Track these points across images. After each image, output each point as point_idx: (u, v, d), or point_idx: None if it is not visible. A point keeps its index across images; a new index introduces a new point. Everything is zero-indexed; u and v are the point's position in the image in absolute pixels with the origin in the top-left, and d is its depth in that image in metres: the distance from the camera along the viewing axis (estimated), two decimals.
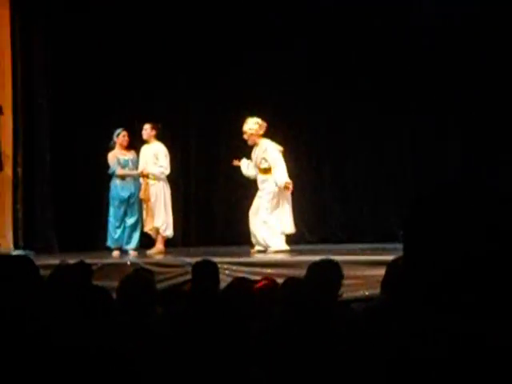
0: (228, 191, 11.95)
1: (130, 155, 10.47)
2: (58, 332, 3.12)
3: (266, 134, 10.26)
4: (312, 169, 12.16)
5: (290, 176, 11.57)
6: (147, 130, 10.44)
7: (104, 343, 3.16)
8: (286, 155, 10.79)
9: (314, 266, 4.98)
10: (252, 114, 10.38)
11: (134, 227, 10.43)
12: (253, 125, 10.06)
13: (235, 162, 10.36)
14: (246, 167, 10.33)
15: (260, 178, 10.20)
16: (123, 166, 10.39)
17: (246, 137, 10.13)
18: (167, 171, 10.45)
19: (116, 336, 3.42)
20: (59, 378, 2.85)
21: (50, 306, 3.60)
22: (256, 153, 10.16)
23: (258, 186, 10.21)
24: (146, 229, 10.47)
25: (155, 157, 10.39)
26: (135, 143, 10.62)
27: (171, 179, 10.71)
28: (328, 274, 4.89)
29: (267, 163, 10.08)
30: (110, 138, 10.52)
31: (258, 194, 10.20)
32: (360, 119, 11.87)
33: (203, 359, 3.31)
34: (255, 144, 10.16)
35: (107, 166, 10.43)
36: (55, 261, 7.83)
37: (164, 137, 10.79)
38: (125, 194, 10.36)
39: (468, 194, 1.27)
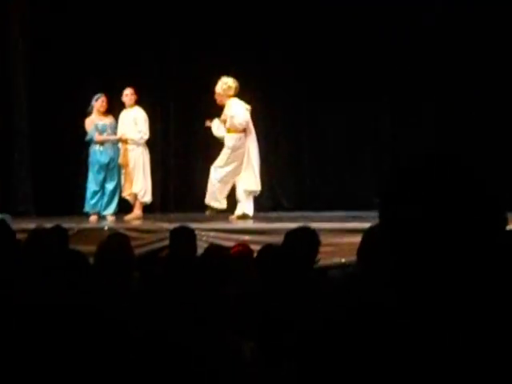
0: (207, 157, 11.91)
1: (107, 120, 10.40)
2: (33, 294, 3.13)
3: (241, 96, 10.19)
4: (290, 136, 12.15)
5: (268, 143, 11.60)
6: (128, 95, 10.37)
7: (82, 304, 3.17)
8: (267, 123, 10.79)
9: (291, 234, 5.01)
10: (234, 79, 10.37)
11: (113, 193, 10.40)
12: (222, 85, 9.97)
13: (207, 123, 10.26)
14: (217, 128, 10.19)
15: (226, 137, 10.14)
16: (101, 132, 10.33)
17: (215, 97, 10.10)
18: (146, 136, 10.40)
19: (93, 297, 3.42)
20: (34, 340, 2.86)
21: (26, 269, 3.60)
22: (224, 113, 10.12)
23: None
24: (125, 194, 10.45)
25: (134, 122, 10.33)
26: (113, 108, 10.54)
27: (150, 145, 10.67)
28: (305, 241, 4.92)
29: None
30: (89, 102, 10.44)
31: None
32: (339, 89, 11.84)
33: (179, 325, 3.33)
34: (223, 104, 10.10)
35: (85, 133, 10.36)
36: (32, 225, 7.82)
37: (143, 102, 10.73)
38: (104, 160, 10.31)
39: (443, 164, 1.28)
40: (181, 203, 11.92)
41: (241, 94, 10.29)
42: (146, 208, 10.65)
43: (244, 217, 9.92)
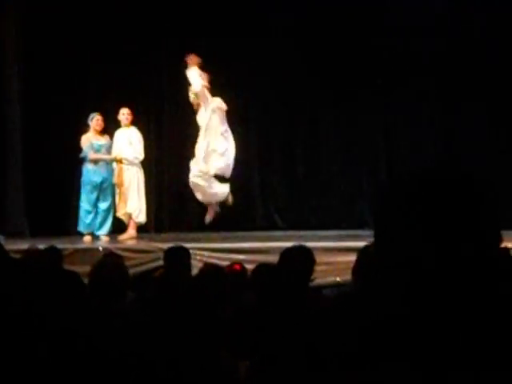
0: None
1: (103, 140, 10.41)
2: (28, 316, 3.11)
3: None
4: (284, 155, 12.16)
5: (263, 159, 11.61)
6: (125, 115, 10.39)
7: (75, 327, 3.15)
8: (262, 141, 10.78)
9: (286, 252, 5.00)
10: (229, 97, 10.43)
11: (106, 212, 10.38)
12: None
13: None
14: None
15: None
16: (96, 151, 10.33)
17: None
18: (141, 156, 10.43)
19: (87, 320, 3.40)
20: (29, 362, 2.84)
21: (20, 291, 3.58)
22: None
23: None
24: (119, 214, 10.44)
25: (129, 142, 10.36)
26: (108, 127, 10.55)
27: (145, 165, 10.68)
28: (300, 260, 4.92)
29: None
30: (83, 122, 10.45)
31: None
32: (333, 106, 11.87)
33: (176, 345, 3.31)
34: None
35: (79, 151, 10.37)
36: (25, 245, 7.79)
37: (138, 122, 10.75)
38: (97, 179, 10.31)
39: (440, 180, 1.28)
40: (175, 223, 11.91)
41: (235, 111, 10.36)
42: (141, 228, 10.63)
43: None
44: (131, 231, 10.35)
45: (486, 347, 1.22)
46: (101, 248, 9.09)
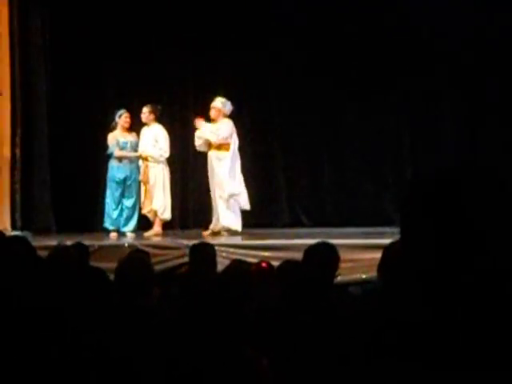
0: None
1: (130, 137, 10.44)
2: (56, 313, 3.14)
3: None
4: (309, 153, 12.14)
5: (287, 159, 11.62)
6: (145, 114, 10.44)
7: (102, 325, 3.18)
8: (286, 138, 10.76)
9: (310, 249, 5.00)
10: (250, 99, 10.46)
11: (131, 209, 10.43)
12: (224, 102, 10.19)
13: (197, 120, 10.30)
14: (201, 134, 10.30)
15: (214, 154, 10.22)
16: (121, 148, 10.38)
17: (211, 112, 10.21)
18: (166, 154, 10.47)
19: (114, 317, 3.43)
20: (57, 358, 2.87)
21: (48, 287, 3.62)
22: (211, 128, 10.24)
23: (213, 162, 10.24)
24: (144, 211, 10.49)
25: (155, 139, 10.39)
26: (135, 124, 10.59)
27: (170, 162, 10.71)
28: (324, 256, 4.91)
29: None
30: (110, 119, 10.51)
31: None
32: (358, 103, 11.83)
33: (200, 342, 3.33)
34: (216, 121, 10.21)
35: (106, 147, 10.43)
36: (53, 242, 7.85)
37: (163, 119, 10.78)
38: (121, 176, 10.35)
39: (466, 178, 1.28)
40: (200, 220, 11.93)
41: (259, 111, 10.37)
42: (166, 225, 10.67)
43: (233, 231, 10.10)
44: (157, 228, 10.41)
45: (506, 351, 1.21)
46: (126, 244, 9.14)
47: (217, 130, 10.10)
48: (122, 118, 10.38)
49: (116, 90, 11.71)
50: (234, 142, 10.23)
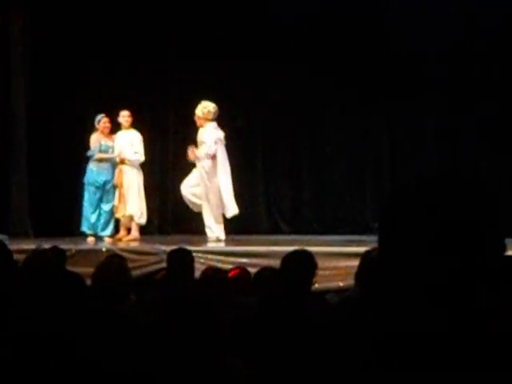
0: None
1: (111, 142, 10.40)
2: (31, 317, 3.11)
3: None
4: (288, 159, 12.16)
5: (267, 166, 11.62)
6: (125, 117, 10.39)
7: (77, 330, 3.15)
8: (265, 146, 10.76)
9: (288, 256, 4.99)
10: (231, 106, 10.44)
11: (110, 214, 10.38)
12: (202, 109, 10.12)
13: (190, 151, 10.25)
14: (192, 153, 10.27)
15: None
16: (103, 152, 10.34)
17: (195, 119, 10.20)
18: (142, 158, 10.43)
19: (89, 322, 3.40)
20: (31, 363, 2.84)
21: (23, 291, 3.58)
22: (198, 136, 10.21)
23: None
24: (118, 215, 10.41)
25: (131, 143, 10.35)
26: (112, 129, 10.56)
27: (148, 166, 10.68)
28: (302, 264, 4.91)
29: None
30: (87, 123, 10.47)
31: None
32: (338, 111, 11.89)
33: (177, 348, 3.31)
34: (201, 127, 10.18)
35: (83, 151, 10.38)
36: (29, 245, 7.80)
37: (143, 124, 10.76)
38: (100, 180, 10.31)
39: (444, 185, 1.28)
40: (178, 225, 11.91)
41: (240, 118, 10.35)
42: (145, 230, 10.63)
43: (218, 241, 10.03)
44: (134, 233, 10.36)
45: (489, 354, 1.21)
46: (104, 249, 9.09)
47: (206, 149, 10.05)
48: (101, 122, 10.34)
49: (95, 93, 11.66)
50: (219, 150, 10.17)
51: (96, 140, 10.32)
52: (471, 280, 1.23)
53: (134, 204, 10.32)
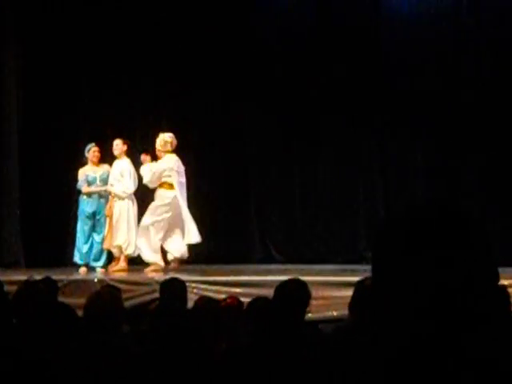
0: (198, 210, 11.91)
1: (100, 171, 10.39)
2: (22, 348, 3.09)
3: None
4: (282, 189, 12.16)
5: (260, 196, 11.63)
6: (119, 146, 10.38)
7: (69, 360, 3.13)
8: (260, 175, 10.76)
9: (281, 286, 4.97)
10: (222, 135, 10.49)
11: (101, 244, 10.35)
12: (159, 141, 10.25)
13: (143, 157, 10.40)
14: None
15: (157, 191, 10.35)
16: (90, 183, 10.33)
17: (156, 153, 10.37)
18: (129, 190, 10.34)
19: (81, 353, 3.38)
20: None
21: (15, 322, 3.56)
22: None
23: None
24: (106, 246, 10.36)
25: (121, 174, 10.33)
26: (110, 156, 10.55)
27: (140, 196, 10.66)
28: (295, 293, 4.89)
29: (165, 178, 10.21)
30: (81, 153, 10.48)
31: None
32: (330, 141, 11.92)
33: (168, 378, 3.29)
34: (160, 158, 10.32)
35: (76, 181, 10.38)
36: (21, 276, 7.76)
37: (132, 152, 10.75)
38: (90, 210, 10.31)
39: (436, 216, 1.28)
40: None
41: (234, 149, 10.38)
42: (138, 261, 10.57)
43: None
44: (122, 264, 10.29)
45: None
46: (96, 280, 9.06)
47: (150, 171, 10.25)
48: (91, 152, 10.36)
49: (88, 123, 11.69)
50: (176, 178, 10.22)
51: (82, 173, 10.33)
52: (463, 308, 1.23)
53: (122, 235, 10.26)
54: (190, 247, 10.46)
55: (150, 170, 10.28)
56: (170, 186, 10.22)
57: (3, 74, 11.16)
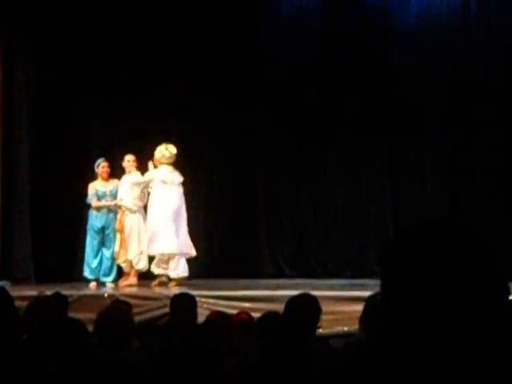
0: (208, 225, 11.91)
1: (110, 186, 10.40)
2: (33, 364, 3.09)
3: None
4: (292, 204, 12.15)
5: (269, 209, 11.63)
6: (130, 162, 10.38)
7: (80, 376, 3.13)
8: (268, 189, 10.78)
9: (291, 301, 4.96)
10: (233, 148, 10.48)
11: (111, 260, 10.34)
12: (157, 152, 10.23)
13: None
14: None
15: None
16: (100, 198, 10.34)
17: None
18: (140, 203, 10.38)
19: (92, 369, 3.38)
20: None
21: (25, 338, 3.57)
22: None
23: None
24: (119, 261, 10.36)
25: (131, 188, 10.33)
26: (119, 172, 10.56)
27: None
28: (306, 308, 4.88)
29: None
30: (90, 167, 10.51)
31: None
32: (340, 155, 11.91)
33: None
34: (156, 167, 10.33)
35: (85, 196, 10.40)
36: (32, 292, 7.76)
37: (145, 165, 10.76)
38: (99, 224, 10.32)
39: (444, 232, 1.28)
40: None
41: (242, 160, 10.38)
42: (148, 275, 10.56)
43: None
44: (132, 279, 10.26)
45: None
46: (106, 295, 9.05)
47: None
48: (100, 167, 10.39)
49: (97, 139, 11.71)
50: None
51: (92, 187, 10.35)
52: (473, 323, 1.22)
53: (132, 249, 10.26)
54: (203, 261, 10.45)
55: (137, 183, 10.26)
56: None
57: (13, 86, 11.20)
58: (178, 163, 10.51)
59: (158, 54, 11.59)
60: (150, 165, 10.33)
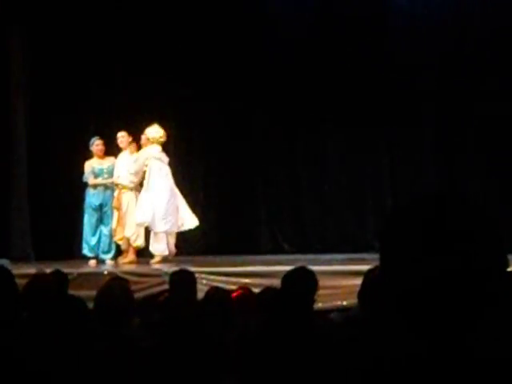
0: (206, 201, 11.92)
1: (106, 163, 10.39)
2: (34, 342, 3.10)
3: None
4: (290, 180, 12.16)
5: (268, 186, 11.64)
6: (124, 138, 10.38)
7: (80, 353, 3.14)
8: (267, 165, 10.76)
9: (288, 275, 4.98)
10: (232, 129, 10.50)
11: (110, 237, 10.35)
12: (152, 131, 10.19)
13: None
14: None
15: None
16: (97, 175, 10.34)
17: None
18: (135, 179, 10.35)
19: (92, 345, 3.39)
20: None
21: (26, 317, 3.58)
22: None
23: None
24: (116, 238, 10.37)
25: (127, 165, 10.32)
26: (117, 150, 10.56)
27: None
28: (302, 282, 4.90)
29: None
30: (87, 146, 10.49)
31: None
32: (339, 130, 11.91)
33: (180, 370, 3.30)
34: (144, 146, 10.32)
35: (83, 175, 10.39)
36: (31, 270, 7.78)
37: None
38: (96, 202, 10.32)
39: (442, 206, 1.28)
40: (180, 246, 11.89)
41: (241, 138, 10.37)
42: (146, 252, 10.58)
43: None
44: (131, 256, 10.28)
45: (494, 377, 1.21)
46: (106, 272, 9.07)
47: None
48: (94, 145, 10.38)
49: (95, 117, 11.70)
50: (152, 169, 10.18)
51: (88, 165, 10.34)
52: (473, 297, 1.23)
53: (130, 227, 10.26)
54: (202, 238, 10.46)
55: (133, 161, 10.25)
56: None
57: (9, 74, 11.16)
58: (176, 141, 10.51)
59: (156, 52, 11.58)
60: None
